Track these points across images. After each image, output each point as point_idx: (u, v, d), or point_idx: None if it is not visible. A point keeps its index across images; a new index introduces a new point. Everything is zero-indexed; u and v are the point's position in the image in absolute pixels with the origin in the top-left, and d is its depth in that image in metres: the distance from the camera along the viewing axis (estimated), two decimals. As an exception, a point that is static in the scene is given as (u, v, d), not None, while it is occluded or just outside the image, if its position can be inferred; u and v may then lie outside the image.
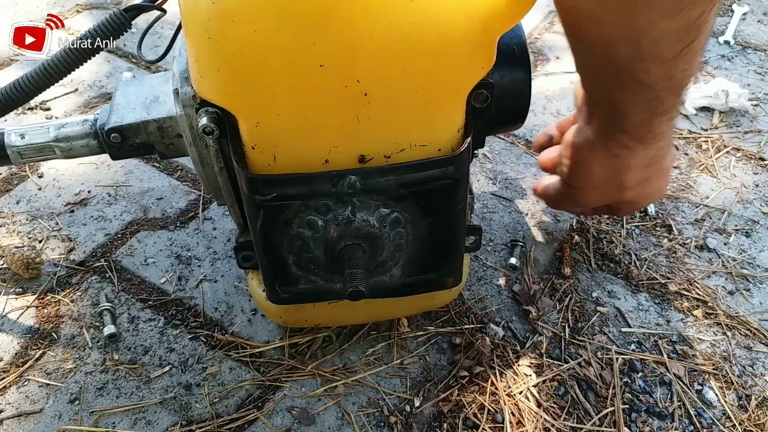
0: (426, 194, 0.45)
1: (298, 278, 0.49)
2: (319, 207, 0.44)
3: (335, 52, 0.36)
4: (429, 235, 0.47)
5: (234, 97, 0.39)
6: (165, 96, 0.53)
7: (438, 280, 0.52)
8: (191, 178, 0.83)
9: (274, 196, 0.43)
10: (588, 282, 0.70)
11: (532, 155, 0.87)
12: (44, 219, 0.77)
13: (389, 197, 0.44)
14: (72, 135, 0.54)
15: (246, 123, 0.40)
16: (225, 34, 0.36)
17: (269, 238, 0.46)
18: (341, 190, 0.43)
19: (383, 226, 0.45)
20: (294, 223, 0.44)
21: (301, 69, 0.37)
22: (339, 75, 0.37)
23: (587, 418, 0.58)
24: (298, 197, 0.43)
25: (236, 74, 0.38)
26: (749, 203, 0.80)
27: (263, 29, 0.35)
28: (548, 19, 1.18)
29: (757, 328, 0.65)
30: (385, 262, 0.48)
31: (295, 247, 0.46)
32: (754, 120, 0.93)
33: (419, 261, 0.49)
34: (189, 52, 0.40)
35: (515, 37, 0.50)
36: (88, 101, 0.95)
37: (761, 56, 1.07)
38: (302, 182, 0.42)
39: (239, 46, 0.36)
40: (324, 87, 0.38)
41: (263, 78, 0.38)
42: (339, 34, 0.36)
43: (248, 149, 0.42)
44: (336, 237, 0.45)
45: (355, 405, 0.59)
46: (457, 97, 0.42)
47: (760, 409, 0.59)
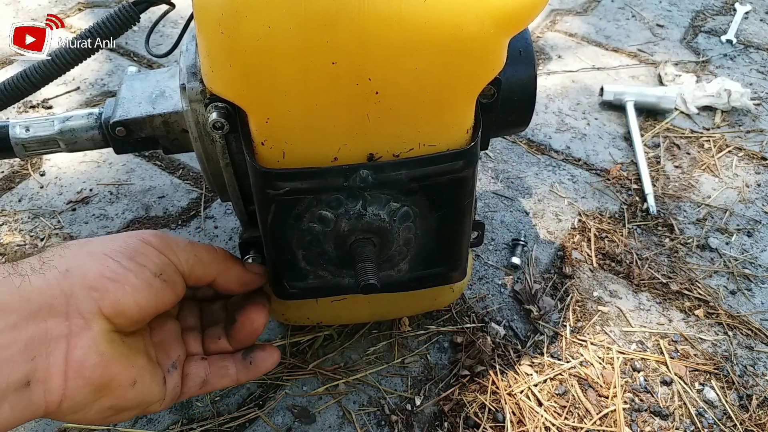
0: (436, 188, 0.45)
1: (306, 273, 0.49)
2: (331, 201, 0.44)
3: (347, 49, 0.36)
4: (437, 229, 0.48)
5: (245, 93, 0.39)
6: (171, 91, 0.53)
7: (444, 274, 0.52)
8: (193, 177, 0.83)
9: (286, 191, 0.43)
10: (589, 281, 0.70)
11: (534, 154, 0.87)
12: (46, 217, 0.77)
13: (400, 191, 0.44)
14: (76, 128, 0.54)
15: (256, 119, 0.40)
16: (238, 30, 0.36)
17: (280, 232, 0.46)
18: (353, 184, 0.43)
19: (393, 220, 0.46)
20: (305, 217, 0.45)
21: (313, 66, 0.37)
22: (351, 73, 0.37)
23: (588, 418, 0.58)
24: (311, 191, 0.43)
25: (248, 70, 0.38)
26: (751, 203, 0.80)
27: (276, 25, 0.36)
28: (550, 18, 1.18)
29: (759, 328, 0.65)
30: (393, 257, 0.49)
31: (305, 241, 0.46)
32: (757, 119, 0.93)
33: (427, 255, 0.50)
34: (201, 46, 0.40)
35: (521, 39, 0.50)
36: (90, 99, 0.95)
37: (764, 55, 1.07)
38: (315, 176, 0.42)
39: (252, 41, 0.36)
40: (335, 84, 0.38)
41: (275, 74, 0.38)
42: (351, 32, 0.36)
43: (257, 145, 0.42)
44: (347, 231, 0.45)
45: (356, 404, 0.59)
46: (468, 98, 0.42)
47: (761, 409, 0.59)
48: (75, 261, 0.38)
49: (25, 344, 0.35)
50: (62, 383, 0.36)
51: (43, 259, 0.39)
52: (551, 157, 0.87)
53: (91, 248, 0.40)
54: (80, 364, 0.37)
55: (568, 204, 0.79)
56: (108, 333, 0.38)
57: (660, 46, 1.10)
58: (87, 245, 0.41)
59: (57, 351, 0.36)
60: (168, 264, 0.42)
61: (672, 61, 1.05)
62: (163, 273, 0.41)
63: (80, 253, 0.39)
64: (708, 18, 1.18)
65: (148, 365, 0.42)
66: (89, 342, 0.37)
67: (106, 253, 0.39)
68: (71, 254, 0.39)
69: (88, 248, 0.40)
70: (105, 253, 0.39)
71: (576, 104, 0.97)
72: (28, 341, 0.35)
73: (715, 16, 1.19)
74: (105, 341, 0.38)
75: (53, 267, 0.38)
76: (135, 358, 0.40)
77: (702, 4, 1.22)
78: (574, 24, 1.16)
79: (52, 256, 0.39)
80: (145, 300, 0.40)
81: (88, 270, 0.38)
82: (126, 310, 0.39)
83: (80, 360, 0.37)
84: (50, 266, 0.38)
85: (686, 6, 1.22)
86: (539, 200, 0.80)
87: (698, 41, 1.11)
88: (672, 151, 0.88)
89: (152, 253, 0.41)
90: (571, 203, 0.79)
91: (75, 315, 0.37)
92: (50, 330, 0.36)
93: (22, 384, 0.35)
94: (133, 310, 0.39)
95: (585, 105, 0.96)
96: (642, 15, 1.19)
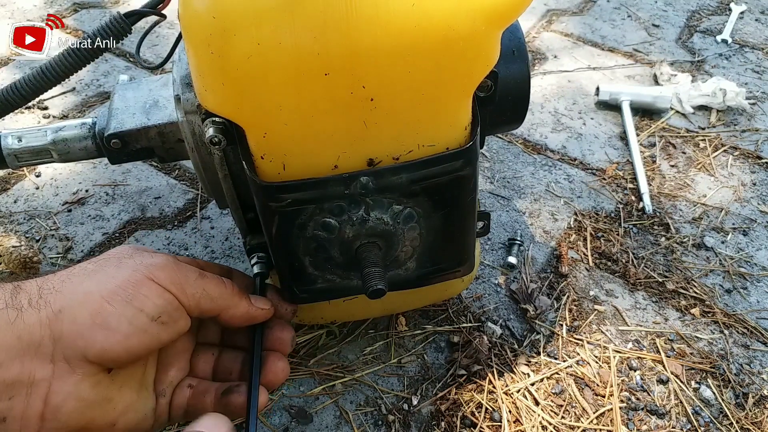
0: (437, 188, 0.45)
1: (314, 278, 0.49)
2: (334, 209, 0.44)
3: (339, 60, 0.36)
4: (442, 227, 0.48)
5: (240, 110, 0.39)
6: (164, 101, 0.52)
7: (451, 269, 0.53)
8: (189, 178, 0.83)
9: (288, 202, 0.43)
10: (586, 280, 0.70)
11: (530, 154, 0.87)
12: (42, 218, 0.77)
13: (402, 194, 0.44)
14: (69, 138, 0.54)
15: (253, 134, 0.40)
16: (227, 49, 0.36)
17: (285, 241, 0.46)
18: (354, 191, 0.43)
19: (397, 222, 0.46)
20: (309, 226, 0.45)
21: (306, 79, 0.37)
22: (344, 82, 0.37)
23: (585, 417, 0.58)
24: (313, 201, 0.43)
25: (241, 87, 0.38)
26: (746, 202, 0.80)
27: (266, 41, 0.35)
28: (546, 18, 1.18)
29: (755, 327, 0.66)
30: (400, 257, 0.49)
31: (311, 248, 0.46)
32: (752, 119, 0.94)
33: (433, 252, 0.50)
34: (192, 65, 0.40)
35: (514, 38, 0.50)
36: (85, 100, 0.95)
37: (759, 55, 1.08)
38: (316, 186, 0.42)
39: (243, 59, 0.36)
40: (330, 95, 0.38)
41: (268, 90, 0.38)
42: (341, 43, 0.36)
43: (257, 159, 0.42)
44: (351, 237, 0.45)
45: (353, 404, 0.59)
46: (464, 96, 0.42)
47: (757, 407, 0.59)
48: (70, 301, 0.38)
49: (7, 385, 0.36)
50: (38, 423, 0.37)
51: (41, 291, 0.38)
52: (547, 156, 0.87)
53: (91, 286, 0.39)
54: (57, 409, 0.37)
55: (564, 203, 0.80)
56: (93, 376, 0.38)
57: (655, 46, 1.10)
58: (88, 280, 0.40)
59: (36, 393, 0.37)
60: (170, 302, 0.41)
61: (667, 60, 1.05)
62: (163, 315, 0.40)
63: (77, 292, 0.39)
64: (703, 18, 1.19)
65: (136, 401, 0.42)
66: (70, 388, 0.37)
67: (104, 295, 0.39)
68: (69, 291, 0.39)
69: (87, 286, 0.39)
70: (102, 295, 0.39)
71: (572, 104, 0.97)
72: (10, 382, 0.36)
73: (710, 16, 1.19)
74: (88, 386, 0.38)
75: (48, 304, 0.38)
76: (121, 397, 0.40)
77: (697, 4, 1.23)
78: (569, 24, 1.16)
79: (51, 289, 0.39)
80: (137, 345, 0.39)
81: (79, 314, 0.38)
82: (114, 357, 0.39)
83: (58, 405, 0.37)
84: (46, 302, 0.38)
85: (681, 6, 1.22)
86: (535, 200, 0.80)
87: (694, 41, 1.12)
88: (668, 151, 0.88)
89: (154, 293, 0.40)
90: (567, 203, 0.80)
91: (60, 359, 0.37)
92: (34, 371, 0.37)
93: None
94: (121, 356, 0.39)
95: (581, 105, 0.97)
96: (637, 15, 1.19)
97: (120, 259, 0.42)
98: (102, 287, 0.39)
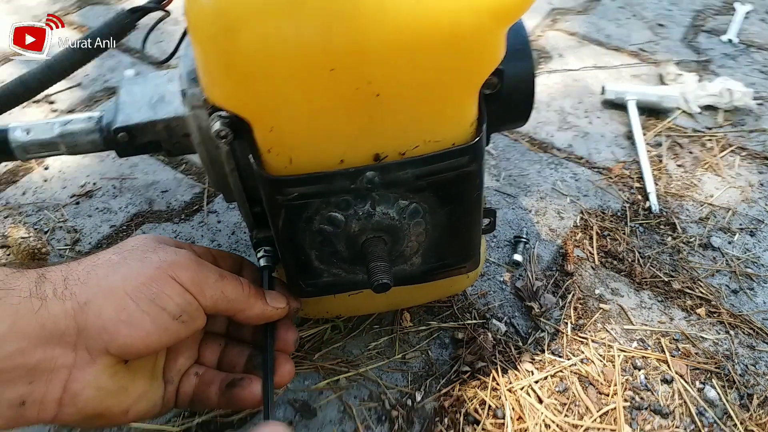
0: (443, 184, 0.45)
1: (320, 272, 0.50)
2: (340, 203, 0.44)
3: (345, 55, 0.36)
4: (447, 222, 0.48)
5: (246, 105, 0.40)
6: (170, 95, 0.53)
7: (457, 265, 0.53)
8: (196, 171, 0.83)
9: (295, 196, 0.43)
10: (591, 279, 0.70)
11: (536, 152, 0.87)
12: (50, 210, 0.77)
13: (408, 189, 0.45)
14: (77, 131, 0.54)
15: (260, 128, 0.41)
16: (233, 44, 0.36)
17: (291, 235, 0.46)
18: (360, 186, 0.43)
19: (403, 217, 0.46)
20: (315, 219, 0.45)
21: (311, 74, 0.37)
22: (350, 78, 0.38)
23: (588, 415, 0.58)
24: (319, 195, 0.43)
25: (247, 83, 0.38)
26: (754, 202, 0.80)
27: (272, 37, 0.35)
28: (550, 17, 1.18)
29: (761, 328, 0.65)
30: (405, 252, 0.49)
31: (317, 242, 0.47)
32: (759, 119, 0.93)
33: (439, 248, 0.50)
34: (198, 61, 0.41)
35: (518, 35, 0.50)
36: (92, 95, 0.95)
37: (765, 55, 1.07)
38: (322, 181, 0.43)
39: (248, 55, 0.36)
40: (336, 90, 0.38)
41: (274, 85, 0.38)
42: (347, 39, 0.36)
43: (264, 153, 0.42)
44: (357, 231, 0.46)
45: (357, 399, 0.59)
46: (470, 93, 0.42)
47: (762, 408, 0.59)
48: (95, 295, 0.39)
49: (28, 370, 0.37)
50: (56, 408, 0.38)
51: (66, 282, 0.39)
52: (553, 155, 0.87)
53: (116, 281, 0.40)
54: (76, 395, 0.38)
55: (570, 202, 0.80)
56: (112, 366, 0.40)
57: (661, 46, 1.10)
58: (113, 273, 0.41)
59: (57, 379, 0.38)
60: (190, 303, 0.42)
61: (673, 60, 1.05)
62: (183, 314, 0.41)
63: (103, 285, 0.40)
64: (708, 17, 1.18)
65: (148, 389, 0.43)
66: (90, 377, 0.38)
67: (128, 292, 0.40)
68: (94, 284, 0.40)
69: (113, 280, 0.40)
70: (127, 291, 0.40)
71: (578, 103, 0.97)
72: (31, 367, 0.37)
73: (715, 16, 1.19)
74: (107, 375, 0.39)
75: (73, 295, 0.39)
76: (135, 386, 0.42)
77: (702, 3, 1.22)
78: (574, 23, 1.16)
79: (76, 280, 0.40)
80: (157, 342, 0.40)
81: (104, 309, 0.39)
82: (135, 351, 0.40)
83: (77, 392, 0.38)
84: (71, 293, 0.39)
85: (686, 5, 1.22)
86: (541, 198, 0.80)
87: (699, 41, 1.11)
88: (674, 150, 0.88)
89: (176, 293, 0.41)
90: (573, 201, 0.80)
91: (82, 348, 0.38)
92: (56, 358, 0.38)
93: (17, 403, 0.37)
94: (141, 351, 0.40)
95: (587, 104, 0.97)
96: (642, 14, 1.19)
97: (144, 252, 0.43)
98: (127, 283, 0.40)
